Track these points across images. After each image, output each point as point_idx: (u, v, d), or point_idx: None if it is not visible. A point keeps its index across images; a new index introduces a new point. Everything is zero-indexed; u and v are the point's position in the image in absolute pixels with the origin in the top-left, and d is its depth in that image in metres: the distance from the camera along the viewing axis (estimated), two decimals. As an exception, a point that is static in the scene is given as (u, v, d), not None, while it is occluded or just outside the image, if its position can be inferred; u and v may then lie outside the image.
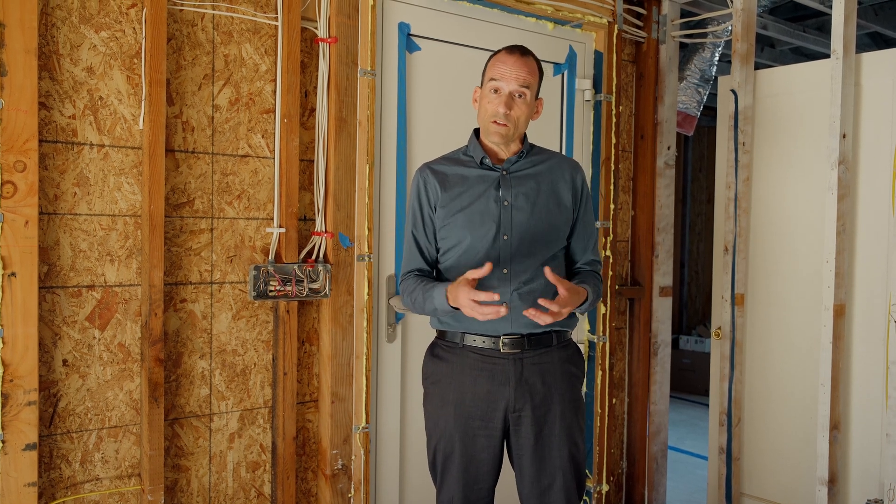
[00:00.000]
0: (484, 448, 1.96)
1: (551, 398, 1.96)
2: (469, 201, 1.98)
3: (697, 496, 3.96)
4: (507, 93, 1.92)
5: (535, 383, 1.95)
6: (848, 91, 2.72)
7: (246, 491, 2.34)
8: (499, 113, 1.92)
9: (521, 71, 1.92)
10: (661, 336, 3.38)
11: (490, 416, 1.94)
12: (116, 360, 2.09)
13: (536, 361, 1.96)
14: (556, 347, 2.00)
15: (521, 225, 1.95)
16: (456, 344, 1.99)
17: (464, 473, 1.96)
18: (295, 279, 2.31)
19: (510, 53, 1.95)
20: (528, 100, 1.95)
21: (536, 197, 1.98)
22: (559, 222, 2.00)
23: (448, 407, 1.97)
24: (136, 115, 2.09)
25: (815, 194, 2.93)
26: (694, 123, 3.52)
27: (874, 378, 2.75)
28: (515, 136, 1.98)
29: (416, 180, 2.05)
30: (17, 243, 1.87)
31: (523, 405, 1.94)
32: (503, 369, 1.94)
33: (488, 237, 1.95)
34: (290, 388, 2.34)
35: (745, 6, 3.04)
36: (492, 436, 1.96)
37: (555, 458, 1.96)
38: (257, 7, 2.29)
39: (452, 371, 1.98)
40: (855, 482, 2.80)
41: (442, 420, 1.99)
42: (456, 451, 1.96)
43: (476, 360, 1.96)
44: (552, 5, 2.86)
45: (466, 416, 1.95)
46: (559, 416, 1.96)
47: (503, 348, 1.94)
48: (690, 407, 5.98)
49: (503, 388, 1.94)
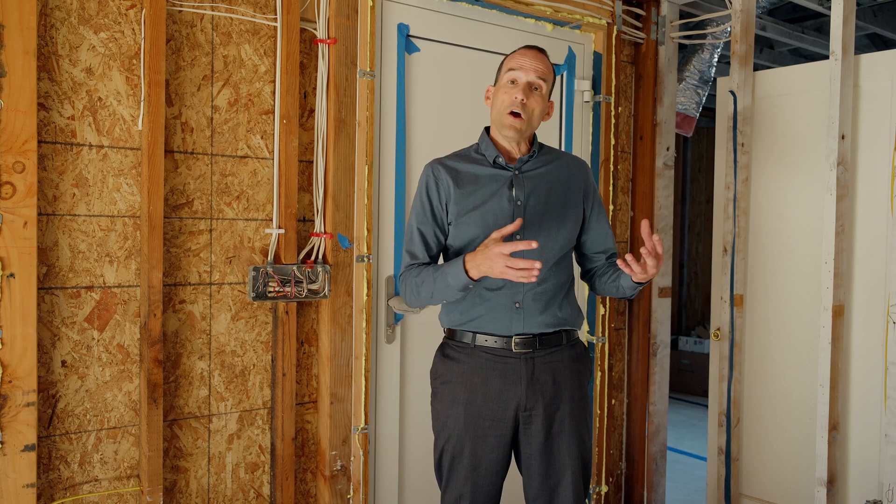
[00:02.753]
0: (493, 448, 1.96)
1: (561, 396, 1.97)
2: (482, 200, 1.97)
3: (696, 497, 3.96)
4: (524, 82, 1.94)
5: (546, 382, 1.96)
6: (847, 92, 2.73)
7: (245, 492, 2.34)
8: (516, 101, 1.92)
9: (539, 64, 1.96)
10: (660, 337, 3.38)
11: (501, 415, 1.95)
12: (115, 361, 2.09)
13: (547, 360, 1.97)
14: (566, 346, 2.02)
15: (534, 224, 1.96)
16: (467, 344, 1.99)
17: (472, 473, 1.96)
18: (294, 280, 2.31)
19: (529, 49, 1.99)
20: (543, 94, 1.97)
21: (548, 196, 1.99)
22: (570, 222, 2.02)
23: (458, 407, 1.97)
24: (135, 115, 2.09)
25: (813, 195, 2.93)
26: (693, 124, 3.52)
27: (873, 379, 2.75)
28: (528, 132, 1.98)
29: (425, 174, 2.03)
30: (16, 244, 1.86)
31: (535, 404, 1.94)
32: (515, 368, 1.94)
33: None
34: (289, 389, 2.34)
35: (743, 7, 3.04)
36: (502, 436, 1.96)
37: (564, 457, 1.97)
38: (256, 8, 2.29)
39: (464, 371, 1.98)
40: (854, 483, 2.80)
41: (451, 420, 1.98)
42: (465, 452, 1.96)
43: (488, 359, 1.96)
44: (551, 6, 2.86)
45: (476, 416, 1.95)
46: (568, 414, 1.98)
47: (515, 348, 1.94)
48: (689, 408, 5.98)
49: (515, 388, 1.94)
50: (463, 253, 1.94)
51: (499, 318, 1.95)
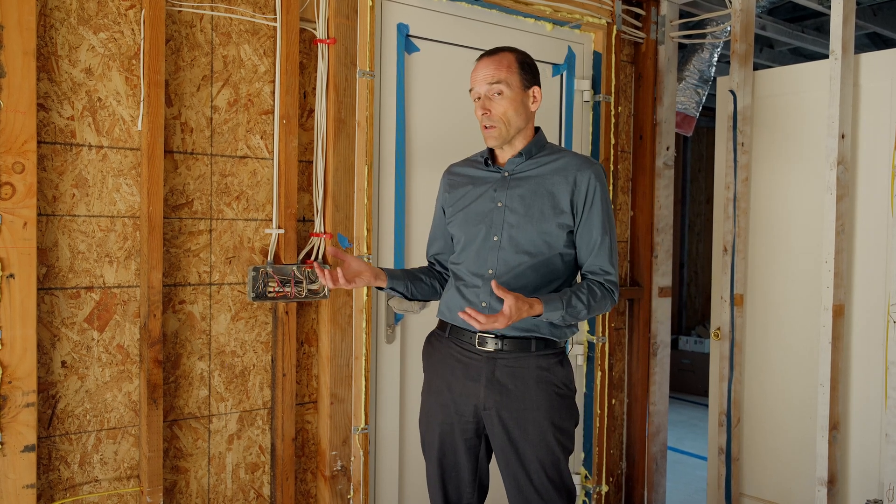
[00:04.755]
0: (459, 438, 2.00)
1: (524, 403, 1.92)
2: (469, 202, 2.03)
3: (697, 497, 3.96)
4: (481, 95, 1.95)
5: (506, 384, 1.93)
6: (847, 91, 2.72)
7: (245, 492, 2.34)
8: (480, 117, 1.96)
9: (487, 70, 1.93)
10: (661, 336, 3.38)
11: (463, 409, 1.98)
12: (115, 362, 2.09)
13: (510, 364, 1.94)
14: (535, 355, 1.94)
15: (511, 227, 1.95)
16: (444, 334, 2.05)
17: (441, 459, 2.03)
18: (294, 280, 2.31)
19: (480, 59, 1.98)
20: (508, 94, 1.92)
21: (532, 199, 1.95)
22: (551, 227, 1.93)
23: (432, 395, 2.05)
24: (134, 116, 2.09)
25: (813, 194, 2.93)
26: (693, 124, 3.52)
27: (873, 378, 2.75)
28: (512, 133, 1.96)
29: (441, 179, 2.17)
30: (16, 244, 1.86)
31: (492, 405, 1.94)
32: (476, 366, 1.96)
33: (480, 236, 1.98)
34: (289, 390, 2.34)
35: (743, 7, 3.04)
36: (466, 429, 1.99)
37: (528, 462, 1.94)
38: (256, 8, 2.29)
39: (438, 359, 2.05)
40: (854, 482, 2.80)
41: (426, 405, 2.08)
42: (435, 438, 2.03)
43: (456, 351, 2.00)
44: (551, 6, 2.86)
45: (444, 404, 2.01)
46: (531, 423, 1.92)
47: (478, 345, 1.96)
48: (690, 407, 5.98)
49: (475, 385, 1.96)
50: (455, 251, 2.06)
51: None
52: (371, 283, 1.98)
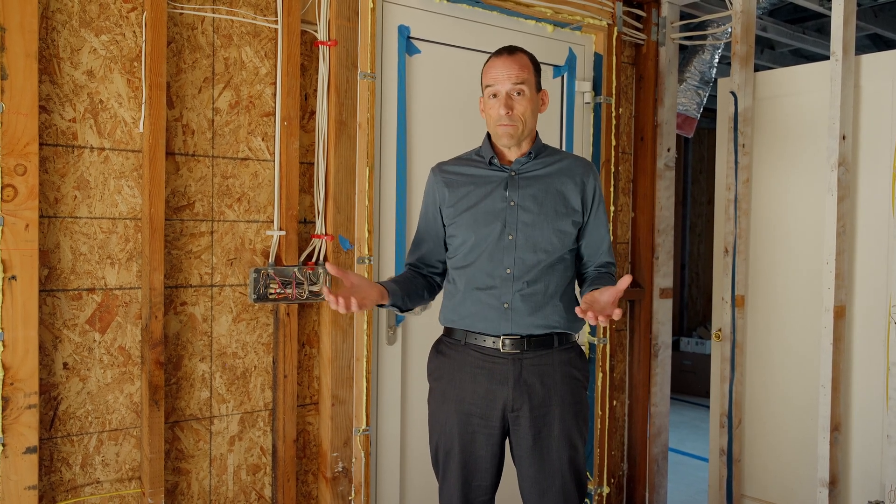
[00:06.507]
0: (483, 445, 1.97)
1: (550, 400, 1.96)
2: (476, 200, 1.99)
3: (698, 498, 3.95)
4: (504, 94, 1.94)
5: (533, 384, 1.95)
6: (847, 93, 2.72)
7: (246, 494, 2.34)
8: (501, 115, 1.94)
9: (511, 69, 1.94)
10: (662, 338, 3.38)
11: (489, 413, 1.95)
12: (117, 363, 2.09)
13: (536, 363, 1.96)
14: (557, 350, 1.99)
15: (527, 226, 1.96)
16: (458, 342, 2.01)
17: (462, 470, 1.98)
18: (295, 282, 2.31)
19: (498, 56, 1.98)
20: (528, 94, 1.95)
21: (544, 198, 1.98)
22: (566, 225, 1.99)
23: (449, 403, 1.99)
24: (136, 118, 2.10)
25: (814, 196, 2.93)
26: (694, 125, 3.52)
27: (875, 379, 2.75)
28: (526, 134, 1.98)
29: (428, 178, 2.11)
30: (18, 246, 1.87)
31: (521, 405, 1.94)
32: (502, 369, 1.95)
33: (493, 236, 1.96)
34: (291, 391, 2.34)
35: (744, 8, 3.04)
36: (491, 434, 1.97)
37: (553, 461, 1.96)
38: (257, 10, 2.29)
39: (454, 368, 2.00)
40: (856, 484, 2.80)
41: (442, 416, 2.01)
42: (455, 448, 1.98)
43: (477, 358, 1.97)
44: (552, 8, 2.86)
45: (466, 413, 1.97)
46: (558, 419, 1.96)
47: (503, 348, 1.94)
48: (691, 409, 5.98)
49: (502, 388, 1.95)
50: (459, 253, 2.00)
51: (488, 318, 1.96)
52: (378, 302, 1.92)
